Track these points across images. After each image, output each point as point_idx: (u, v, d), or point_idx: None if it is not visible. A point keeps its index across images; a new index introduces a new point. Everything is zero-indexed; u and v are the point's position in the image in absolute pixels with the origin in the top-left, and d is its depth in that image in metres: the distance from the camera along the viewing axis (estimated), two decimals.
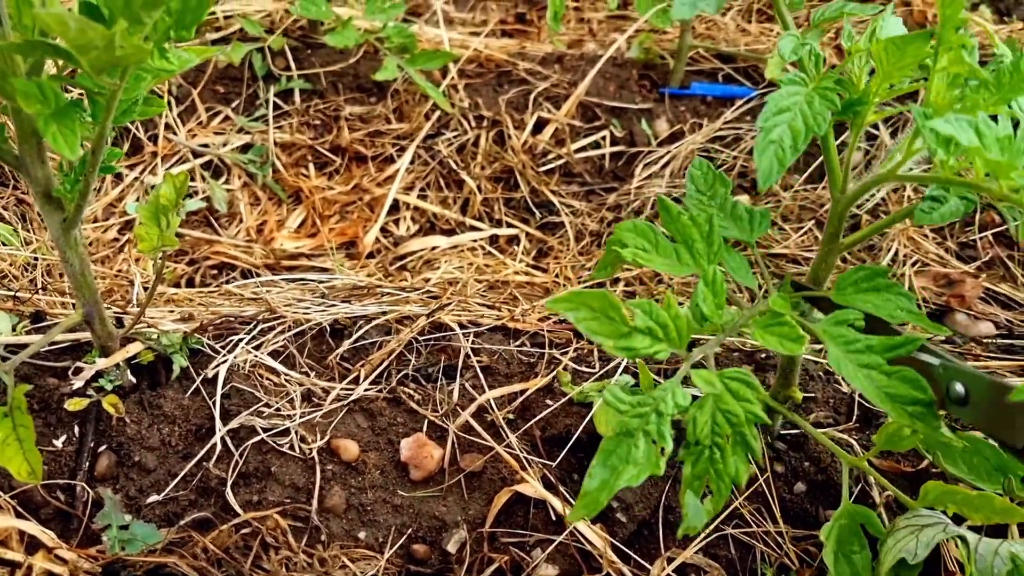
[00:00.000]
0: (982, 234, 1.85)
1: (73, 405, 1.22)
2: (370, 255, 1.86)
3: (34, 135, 1.03)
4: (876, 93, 0.97)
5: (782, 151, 0.92)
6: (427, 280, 1.71)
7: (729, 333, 0.95)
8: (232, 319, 1.41)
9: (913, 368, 0.89)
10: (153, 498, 1.19)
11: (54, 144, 0.90)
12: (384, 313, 1.42)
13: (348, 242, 1.90)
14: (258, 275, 1.79)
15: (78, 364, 1.25)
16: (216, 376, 1.29)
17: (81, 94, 1.03)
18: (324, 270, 1.80)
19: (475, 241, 1.88)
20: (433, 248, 1.86)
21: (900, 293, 0.98)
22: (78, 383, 1.24)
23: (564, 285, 1.75)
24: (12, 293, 1.47)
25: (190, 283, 1.79)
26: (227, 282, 1.75)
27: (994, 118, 0.83)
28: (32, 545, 1.12)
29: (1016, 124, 0.86)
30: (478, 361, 1.34)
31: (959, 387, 0.89)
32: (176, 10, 0.91)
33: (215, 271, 1.81)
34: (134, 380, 1.28)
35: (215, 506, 1.19)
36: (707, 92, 2.09)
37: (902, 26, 1.02)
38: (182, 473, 1.21)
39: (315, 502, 1.18)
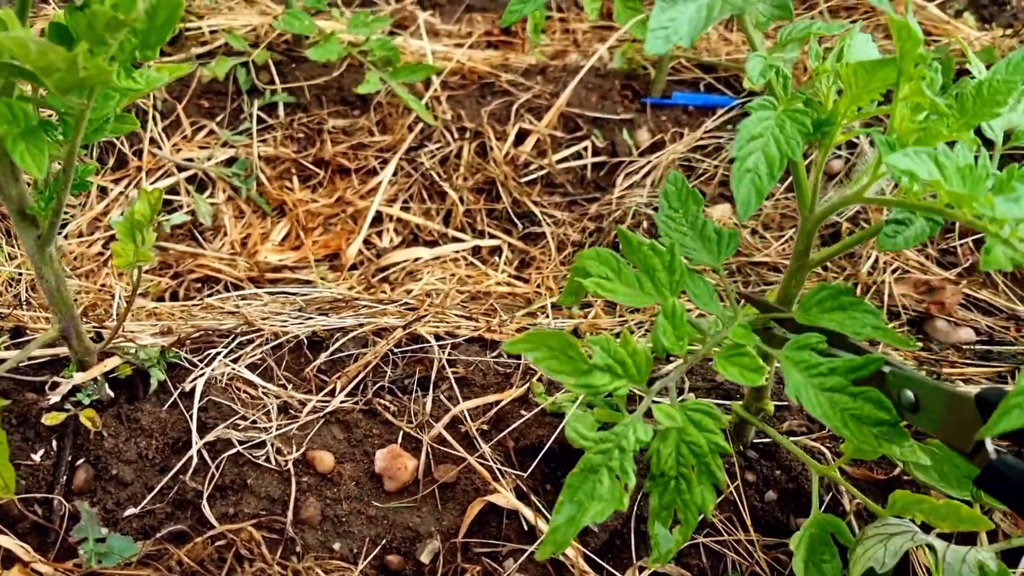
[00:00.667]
0: (962, 240, 1.86)
1: (50, 419, 1.23)
2: (353, 267, 1.87)
3: (5, 154, 1.04)
4: (844, 115, 0.97)
5: (759, 179, 0.91)
6: (409, 291, 1.73)
7: (692, 363, 0.96)
8: (210, 332, 1.42)
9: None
10: (130, 511, 1.20)
11: (22, 163, 0.91)
12: (361, 325, 1.43)
13: (331, 254, 1.91)
14: (241, 288, 1.81)
15: (55, 379, 1.26)
16: (193, 389, 1.30)
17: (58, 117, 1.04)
18: (307, 282, 1.81)
19: (457, 252, 1.90)
20: (416, 259, 1.87)
21: (866, 310, 0.98)
22: (55, 398, 1.25)
23: (545, 295, 1.76)
24: None
25: (174, 296, 1.80)
26: (210, 295, 1.76)
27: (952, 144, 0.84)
28: (8, 559, 1.12)
29: (987, 143, 0.87)
30: (453, 372, 1.35)
31: (909, 394, 0.90)
32: (141, 30, 0.92)
33: (199, 284, 1.82)
34: (112, 394, 1.29)
35: (191, 519, 1.20)
36: (688, 102, 2.11)
37: (871, 43, 1.02)
38: (159, 486, 1.22)
39: (290, 514, 1.19)
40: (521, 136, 2.04)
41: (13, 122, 0.93)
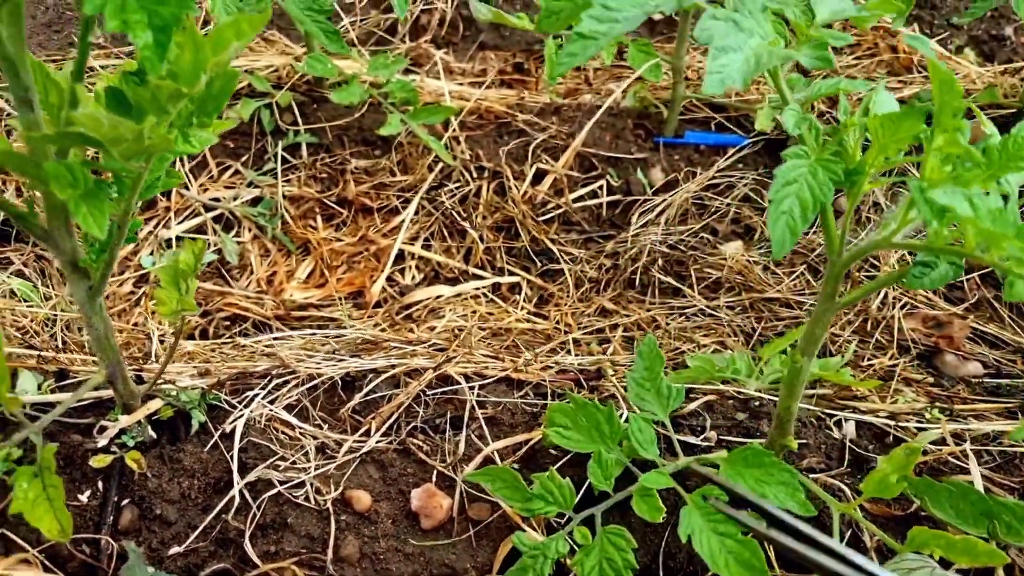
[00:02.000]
0: (969, 276, 1.91)
1: (98, 462, 1.27)
2: (377, 304, 1.92)
3: (63, 211, 1.09)
4: (872, 164, 1.02)
5: (793, 221, 0.99)
6: (432, 329, 1.78)
7: (620, 497, 1.22)
8: (248, 374, 1.47)
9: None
10: (175, 550, 1.24)
11: (84, 225, 0.96)
12: (393, 366, 1.48)
13: (355, 292, 1.96)
14: (268, 325, 1.86)
15: (102, 423, 1.31)
16: (233, 430, 1.35)
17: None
18: (333, 320, 1.86)
19: (478, 289, 1.95)
20: (438, 297, 1.92)
21: (783, 469, 1.17)
22: (103, 441, 1.29)
23: (565, 331, 1.81)
24: (37, 352, 1.53)
25: (204, 334, 1.85)
26: (240, 334, 1.82)
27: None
28: None
29: (1006, 198, 0.94)
30: (483, 412, 1.40)
31: None
32: (199, 99, 0.98)
33: (227, 322, 1.87)
34: (154, 435, 1.34)
35: (234, 557, 1.24)
36: (700, 141, 2.16)
37: (893, 101, 1.08)
38: (202, 525, 1.26)
39: (330, 552, 1.23)
40: (538, 176, 2.09)
41: (75, 185, 0.98)
